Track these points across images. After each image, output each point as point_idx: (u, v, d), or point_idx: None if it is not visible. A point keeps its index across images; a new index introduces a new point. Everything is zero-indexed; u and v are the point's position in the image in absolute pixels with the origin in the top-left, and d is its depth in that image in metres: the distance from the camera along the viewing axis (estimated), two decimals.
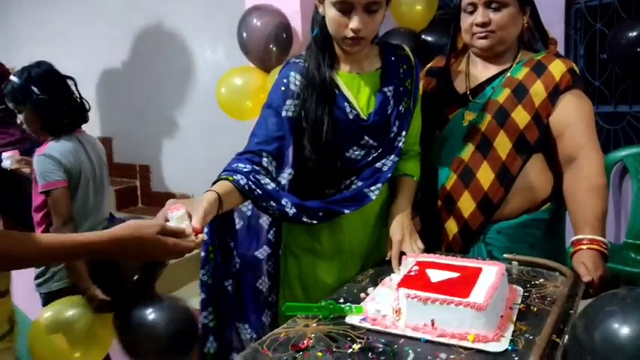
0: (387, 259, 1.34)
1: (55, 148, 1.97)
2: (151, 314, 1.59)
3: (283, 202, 1.25)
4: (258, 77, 2.40)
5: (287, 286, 1.43)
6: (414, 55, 1.44)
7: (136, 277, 1.59)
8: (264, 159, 1.29)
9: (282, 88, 1.34)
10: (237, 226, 1.37)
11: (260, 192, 1.23)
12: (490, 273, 1.05)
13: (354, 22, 1.24)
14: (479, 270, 1.08)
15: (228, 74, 2.46)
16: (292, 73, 1.34)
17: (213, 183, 1.20)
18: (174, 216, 1.01)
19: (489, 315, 0.93)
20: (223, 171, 1.24)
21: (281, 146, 1.31)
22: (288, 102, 1.32)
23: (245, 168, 1.24)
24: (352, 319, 1.01)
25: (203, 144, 3.19)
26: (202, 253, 1.29)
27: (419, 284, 1.01)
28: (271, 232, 1.39)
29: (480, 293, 0.96)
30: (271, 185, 1.27)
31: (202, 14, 3.14)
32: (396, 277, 1.21)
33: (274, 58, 2.35)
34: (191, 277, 3.09)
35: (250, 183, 1.21)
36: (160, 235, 0.97)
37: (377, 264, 1.36)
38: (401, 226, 1.36)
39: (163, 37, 3.29)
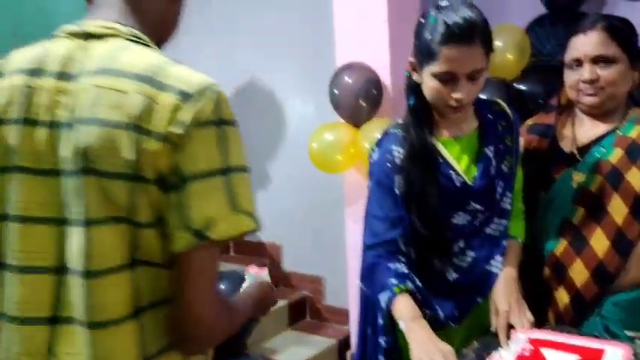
0: (492, 330, 1.27)
1: None
2: None
3: (435, 306, 1.29)
4: (348, 132, 2.44)
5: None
6: (511, 110, 1.40)
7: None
8: (402, 246, 1.31)
9: (389, 165, 1.32)
10: None
11: (420, 297, 1.26)
12: (614, 357, 0.97)
13: (458, 93, 1.21)
14: (601, 352, 0.99)
15: (320, 129, 2.52)
16: (394, 147, 1.32)
17: (382, 288, 1.26)
18: (262, 275, 1.07)
19: None
20: (382, 273, 1.28)
21: (405, 225, 1.31)
22: (397, 178, 1.31)
23: (402, 268, 1.28)
24: None
25: (293, 196, 3.26)
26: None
27: None
28: None
29: None
30: (420, 284, 1.29)
31: (294, 72, 3.27)
32: (505, 353, 1.14)
33: (364, 113, 2.39)
34: (277, 330, 3.12)
35: (413, 287, 1.26)
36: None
37: (481, 335, 1.29)
38: (508, 294, 1.29)
39: (256, 93, 3.44)
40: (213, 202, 0.76)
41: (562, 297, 1.37)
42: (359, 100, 2.37)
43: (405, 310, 1.21)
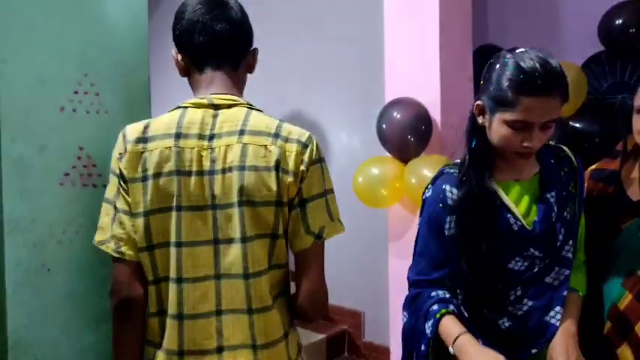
0: None
1: None
2: None
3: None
4: (395, 167, 2.42)
5: None
6: (575, 157, 1.34)
7: None
8: (447, 283, 1.29)
9: (440, 205, 1.29)
10: None
11: (466, 320, 1.25)
12: None
13: (531, 142, 1.17)
14: None
15: (366, 163, 2.51)
16: (448, 187, 1.29)
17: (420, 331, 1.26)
18: None
19: None
20: (424, 302, 1.27)
21: (451, 268, 1.29)
22: (448, 219, 1.28)
23: (444, 294, 1.27)
24: None
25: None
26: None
27: None
28: None
29: None
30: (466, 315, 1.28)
31: (343, 105, 3.28)
32: None
33: (412, 148, 2.36)
34: None
35: (457, 311, 1.25)
36: None
37: None
38: (565, 349, 1.22)
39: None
40: (323, 215, 1.14)
41: (626, 355, 1.28)
42: (407, 135, 2.35)
43: (452, 327, 1.21)
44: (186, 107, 1.13)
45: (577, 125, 2.50)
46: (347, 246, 3.20)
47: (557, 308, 1.27)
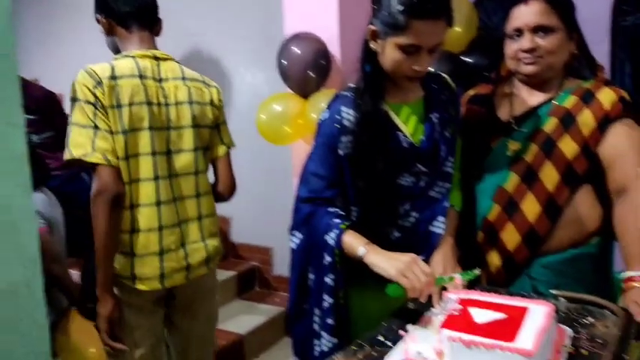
0: None
1: None
2: None
3: None
4: (297, 103, 2.43)
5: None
6: (453, 83, 1.44)
7: None
8: (338, 204, 1.34)
9: (337, 126, 1.34)
10: None
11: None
12: (538, 314, 1.02)
13: (420, 65, 1.24)
14: (525, 309, 1.04)
15: (268, 101, 2.50)
16: (344, 108, 1.34)
17: (325, 228, 1.32)
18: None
19: None
20: (322, 218, 1.33)
21: (345, 186, 1.35)
22: (344, 139, 1.33)
23: (340, 212, 1.34)
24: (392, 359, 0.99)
25: (241, 167, 3.23)
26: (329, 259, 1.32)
27: (462, 326, 0.98)
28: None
29: (527, 337, 0.93)
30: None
31: (242, 42, 3.20)
32: (436, 312, 1.18)
33: (313, 84, 2.38)
34: (226, 300, 3.12)
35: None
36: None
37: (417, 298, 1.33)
38: (442, 259, 1.34)
39: (204, 63, 3.37)
40: (228, 132, 1.77)
41: (494, 260, 1.43)
42: (307, 70, 2.36)
43: (355, 240, 1.28)
44: (134, 57, 1.55)
45: (468, 60, 2.60)
46: (253, 185, 3.22)
47: (440, 218, 1.38)
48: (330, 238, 1.30)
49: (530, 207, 1.38)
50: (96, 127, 1.43)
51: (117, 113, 1.46)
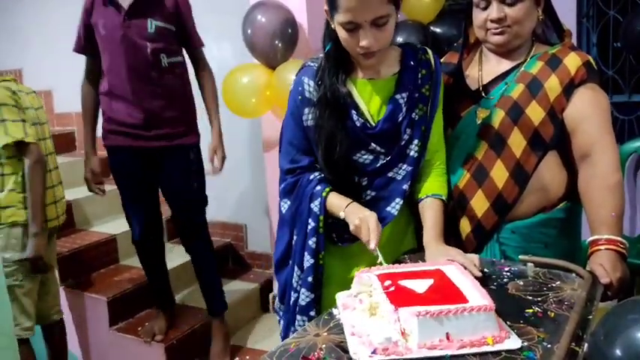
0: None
1: None
2: None
3: None
4: (263, 74, 2.37)
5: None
6: (435, 59, 1.38)
7: None
8: (318, 166, 1.37)
9: (300, 97, 1.35)
10: None
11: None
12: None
13: (364, 41, 1.21)
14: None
15: (234, 71, 2.44)
16: (306, 79, 1.34)
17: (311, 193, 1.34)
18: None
19: (494, 314, 0.93)
20: (306, 186, 1.35)
21: (315, 155, 1.37)
22: (306, 110, 1.34)
23: (321, 175, 1.36)
24: (360, 355, 0.91)
25: (205, 140, 3.19)
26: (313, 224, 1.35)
27: (411, 299, 0.95)
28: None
29: (474, 294, 0.96)
30: None
31: (206, 11, 3.10)
32: (350, 294, 1.11)
33: (280, 54, 2.32)
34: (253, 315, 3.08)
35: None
36: None
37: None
38: (457, 253, 1.25)
39: None
40: None
41: (465, 227, 1.44)
42: (274, 41, 2.30)
43: (339, 200, 1.31)
44: None
45: (437, 30, 2.59)
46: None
47: (397, 200, 1.36)
48: (315, 205, 1.34)
49: (499, 173, 1.38)
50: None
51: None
